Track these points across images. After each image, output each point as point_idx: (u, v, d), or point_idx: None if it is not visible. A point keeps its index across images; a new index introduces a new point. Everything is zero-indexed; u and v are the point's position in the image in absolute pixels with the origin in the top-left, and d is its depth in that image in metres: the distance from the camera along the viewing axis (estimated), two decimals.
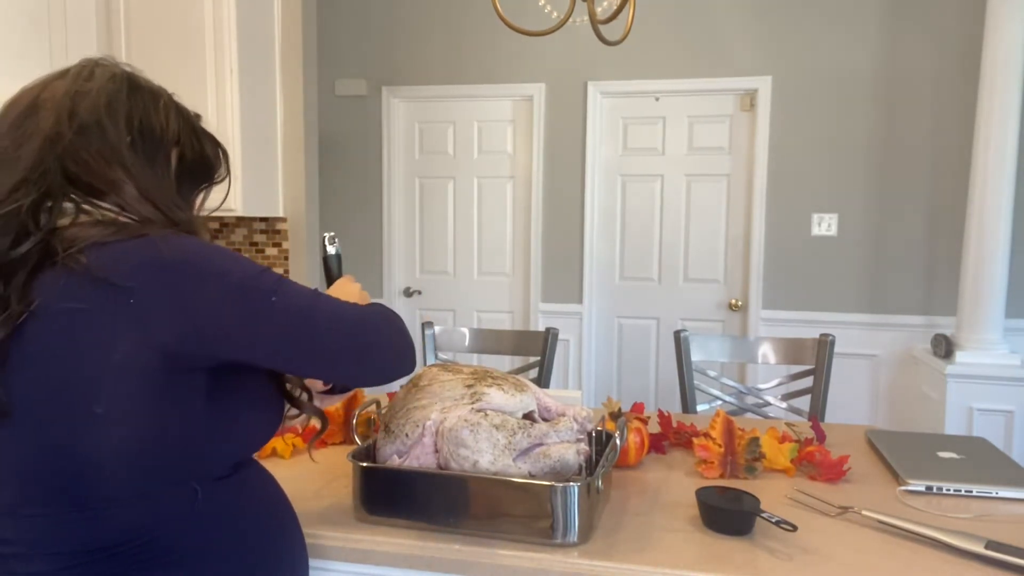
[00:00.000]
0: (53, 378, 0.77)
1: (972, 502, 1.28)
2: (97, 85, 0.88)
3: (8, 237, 0.78)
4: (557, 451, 1.11)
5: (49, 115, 0.84)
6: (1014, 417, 2.91)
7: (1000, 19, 2.84)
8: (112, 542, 0.81)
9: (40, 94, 0.88)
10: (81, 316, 0.77)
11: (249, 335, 0.82)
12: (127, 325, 0.77)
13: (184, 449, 0.83)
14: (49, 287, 0.78)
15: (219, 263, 0.82)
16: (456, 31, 3.79)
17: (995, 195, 2.89)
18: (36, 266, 0.78)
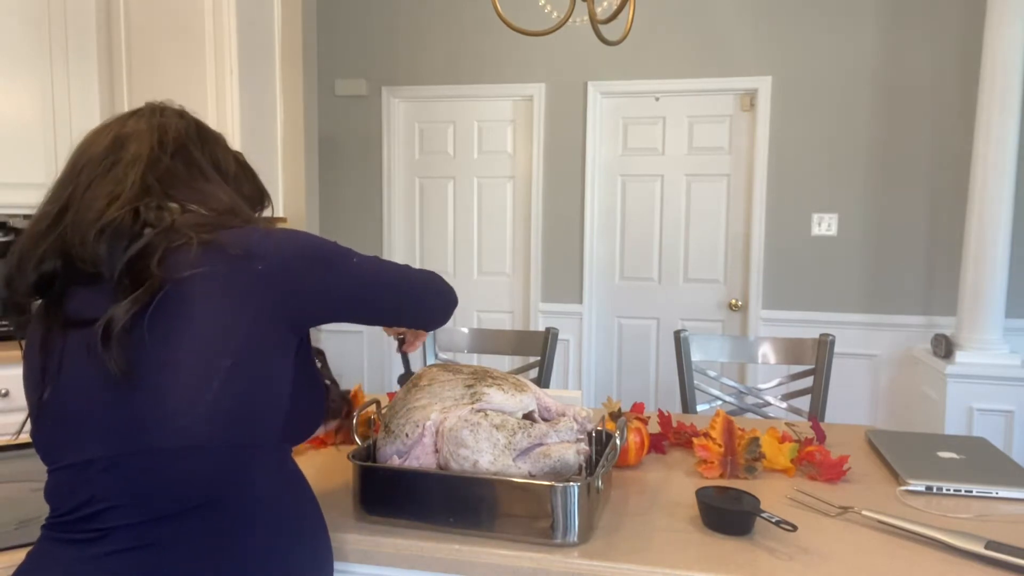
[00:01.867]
0: (189, 335, 0.86)
1: (972, 502, 1.28)
2: (172, 120, 1.03)
3: (125, 237, 0.89)
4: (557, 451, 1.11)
5: (142, 145, 0.97)
6: (1014, 417, 2.91)
7: (1000, 19, 2.84)
8: (204, 493, 0.87)
9: (120, 131, 0.99)
10: (213, 279, 0.88)
11: (344, 292, 0.98)
12: (254, 288, 0.89)
13: (280, 408, 0.93)
14: (182, 262, 0.88)
15: (314, 239, 0.98)
16: (456, 31, 3.79)
17: (995, 195, 2.89)
18: (164, 251, 0.88)
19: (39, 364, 0.93)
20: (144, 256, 0.88)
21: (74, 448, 0.89)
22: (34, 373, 0.94)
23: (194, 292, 0.87)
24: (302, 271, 0.93)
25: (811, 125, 3.48)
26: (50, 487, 0.92)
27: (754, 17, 3.49)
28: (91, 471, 0.87)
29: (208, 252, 0.89)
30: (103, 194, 0.92)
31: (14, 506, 1.21)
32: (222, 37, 2.64)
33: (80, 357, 0.89)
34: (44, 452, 0.94)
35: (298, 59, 2.93)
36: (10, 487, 1.29)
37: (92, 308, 0.88)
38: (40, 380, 0.93)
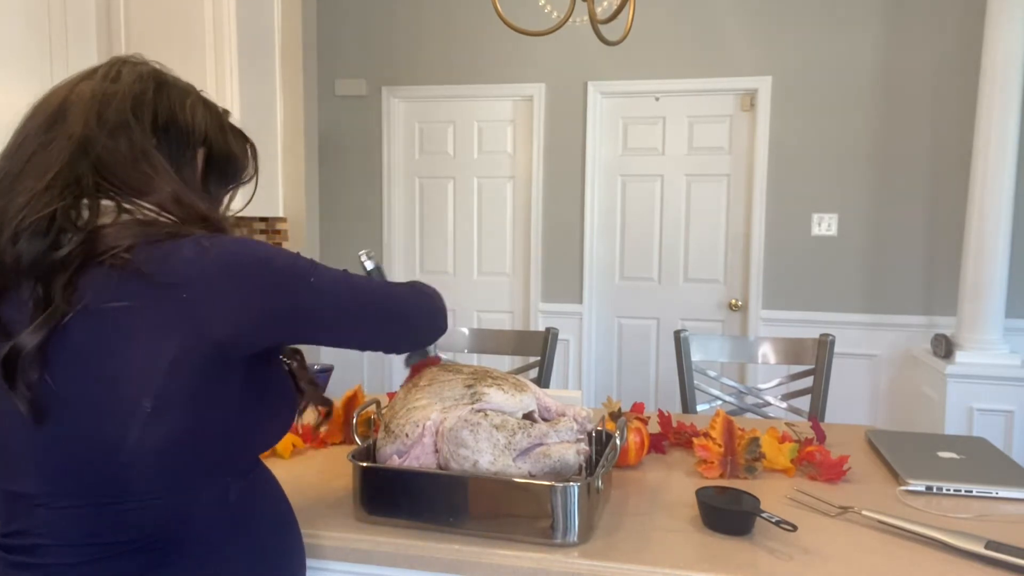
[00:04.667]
0: (102, 375, 0.78)
1: (972, 502, 1.28)
2: (124, 86, 0.89)
3: (45, 239, 0.78)
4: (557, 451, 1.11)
5: (78, 118, 0.85)
6: (1014, 417, 2.91)
7: (1000, 19, 2.84)
8: (143, 535, 0.82)
9: (68, 96, 0.88)
10: (131, 313, 0.78)
11: (293, 316, 0.86)
12: (179, 320, 0.78)
13: (222, 443, 0.85)
14: (97, 286, 0.78)
15: (260, 254, 0.85)
16: (456, 31, 3.79)
17: (995, 195, 2.89)
18: (80, 266, 0.78)
19: None
20: (54, 272, 0.78)
21: (10, 474, 0.83)
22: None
23: (106, 325, 0.78)
24: (239, 294, 0.81)
25: (811, 125, 3.48)
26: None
27: (754, 17, 3.49)
28: (22, 504, 0.82)
29: (125, 279, 0.78)
30: (28, 184, 0.81)
31: None
32: (222, 37, 2.64)
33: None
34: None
35: (298, 59, 2.93)
36: None
37: (17, 320, 0.78)
38: None
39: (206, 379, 0.81)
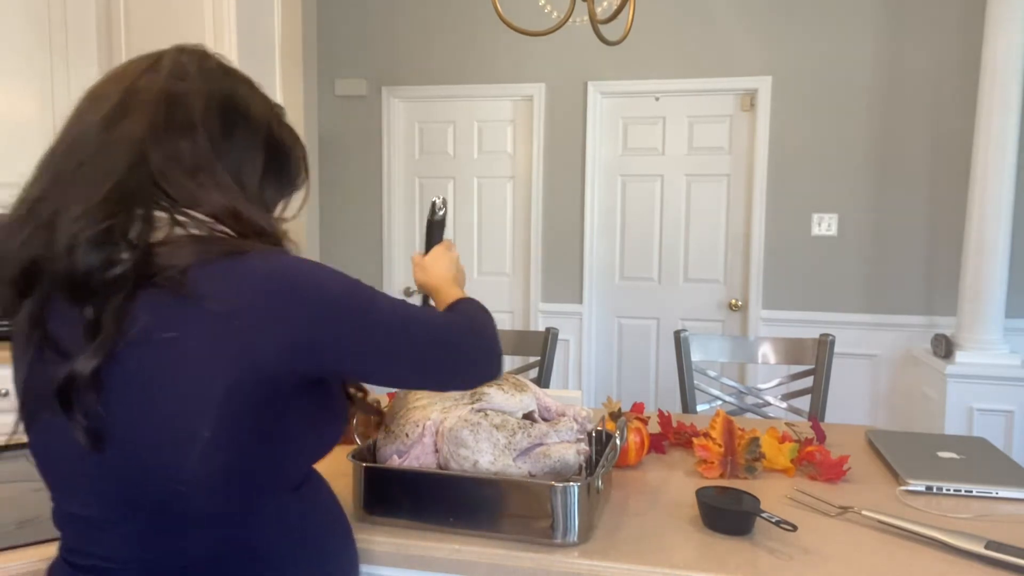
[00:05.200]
0: (157, 403, 0.75)
1: (972, 502, 1.28)
2: (192, 86, 0.83)
3: (100, 254, 0.74)
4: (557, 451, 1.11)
5: (142, 118, 0.79)
6: (1014, 417, 2.91)
7: (1000, 19, 2.84)
8: (204, 557, 0.81)
9: (131, 88, 0.81)
10: (184, 342, 0.75)
11: (347, 349, 0.82)
12: (232, 349, 0.75)
13: (278, 462, 0.84)
14: (150, 311, 0.75)
15: (317, 279, 0.81)
16: (456, 31, 3.79)
17: (995, 195, 2.89)
18: (133, 287, 0.75)
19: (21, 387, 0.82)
20: (108, 293, 0.74)
21: (68, 496, 0.82)
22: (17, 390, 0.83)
23: (160, 354, 0.75)
24: (288, 324, 0.77)
25: (811, 125, 3.48)
26: (58, 518, 0.85)
27: (754, 17, 3.49)
28: (82, 525, 0.81)
29: (179, 304, 0.75)
30: (84, 191, 0.76)
31: (14, 506, 1.20)
32: (222, 37, 2.63)
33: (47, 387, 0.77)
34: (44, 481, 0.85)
35: (298, 59, 2.93)
36: (10, 487, 1.29)
37: (68, 338, 0.76)
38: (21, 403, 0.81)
39: (261, 405, 0.78)
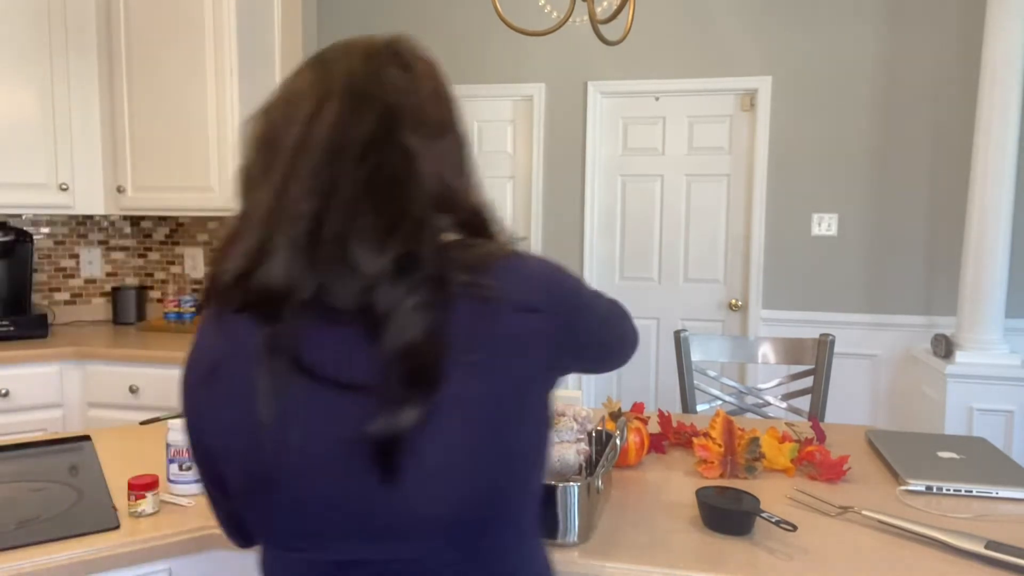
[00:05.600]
0: (486, 418, 0.68)
1: (972, 502, 1.28)
2: (426, 82, 0.76)
3: (400, 287, 0.67)
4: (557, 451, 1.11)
5: (405, 125, 0.71)
6: (1014, 417, 2.91)
7: (1000, 19, 2.84)
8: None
9: (381, 89, 0.72)
10: (507, 344, 0.69)
11: (584, 346, 0.80)
12: (539, 345, 0.71)
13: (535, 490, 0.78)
14: (460, 334, 0.68)
15: (574, 279, 0.78)
16: (456, 31, 3.79)
17: (995, 195, 2.89)
18: (436, 320, 0.67)
19: (254, 418, 0.68)
20: (413, 322, 0.66)
21: (319, 541, 0.70)
22: (246, 426, 0.69)
23: (469, 381, 0.67)
24: (570, 318, 0.74)
25: (811, 125, 3.48)
26: (278, 570, 0.76)
27: (754, 17, 3.49)
28: (348, 573, 0.72)
29: (490, 308, 0.69)
30: (370, 220, 0.67)
31: (14, 506, 1.20)
32: (222, 37, 2.64)
33: (326, 425, 0.67)
34: (266, 532, 0.72)
35: (298, 59, 2.93)
36: (10, 487, 1.29)
37: (342, 363, 0.68)
38: (255, 439, 0.68)
39: (547, 406, 0.74)
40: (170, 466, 1.25)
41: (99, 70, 2.77)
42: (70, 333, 2.83)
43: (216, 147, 2.67)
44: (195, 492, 1.25)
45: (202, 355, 0.74)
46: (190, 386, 0.74)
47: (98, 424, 2.51)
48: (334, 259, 0.67)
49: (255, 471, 0.69)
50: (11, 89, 2.61)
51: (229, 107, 2.66)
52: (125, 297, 3.04)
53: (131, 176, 2.76)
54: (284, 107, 0.73)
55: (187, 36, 2.65)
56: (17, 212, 2.90)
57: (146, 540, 1.11)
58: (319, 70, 0.74)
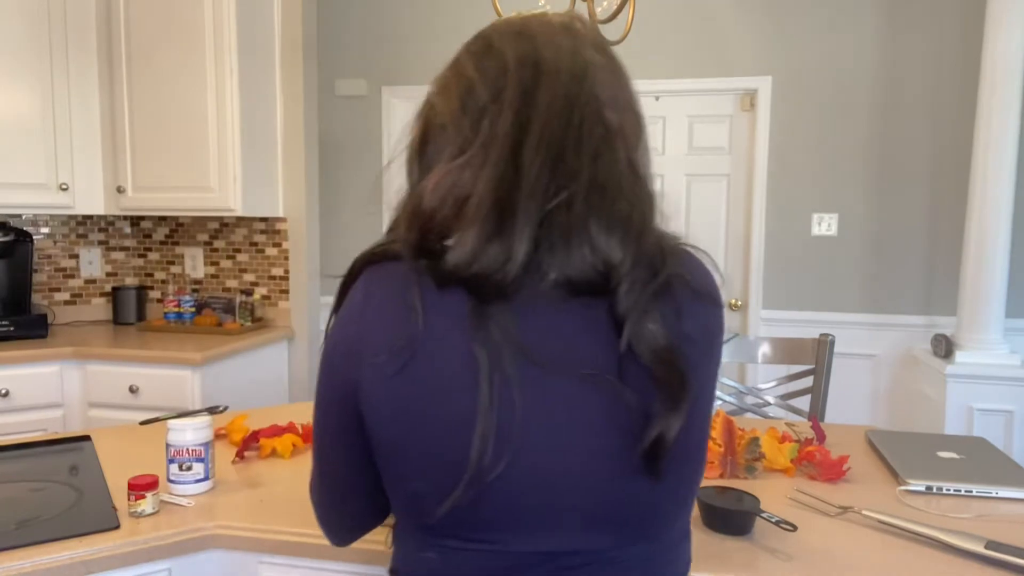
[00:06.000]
0: (702, 413, 0.70)
1: (972, 502, 1.28)
2: (608, 60, 0.73)
3: (652, 288, 0.66)
4: None
5: (612, 107, 0.69)
6: (1014, 417, 2.91)
7: (1000, 19, 2.84)
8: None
9: (587, 67, 0.70)
10: (709, 341, 0.70)
11: None
12: (720, 344, 0.73)
13: None
14: (686, 318, 0.68)
15: None
16: (456, 31, 3.78)
17: (995, 195, 2.89)
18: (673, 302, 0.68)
19: (474, 396, 0.64)
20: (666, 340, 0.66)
21: (542, 528, 0.68)
22: (460, 405, 0.65)
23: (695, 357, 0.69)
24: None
25: (811, 125, 3.48)
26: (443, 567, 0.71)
27: (754, 17, 3.49)
28: (569, 562, 0.69)
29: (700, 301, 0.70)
30: (619, 221, 0.66)
31: (14, 506, 1.20)
32: (222, 37, 2.64)
33: (554, 411, 0.65)
34: (454, 521, 0.69)
35: (298, 59, 2.93)
36: (10, 487, 1.29)
37: (566, 350, 0.66)
38: (472, 418, 0.64)
39: None
40: (170, 466, 1.25)
41: (99, 70, 2.77)
42: (70, 333, 2.83)
43: (216, 147, 2.67)
44: (195, 492, 1.25)
45: (388, 327, 0.67)
46: (375, 363, 0.67)
47: (98, 424, 2.51)
48: (570, 242, 0.65)
49: (459, 459, 0.65)
50: (11, 89, 2.61)
51: (229, 107, 2.66)
52: (125, 297, 3.04)
53: (131, 176, 2.76)
54: (485, 83, 0.71)
55: (187, 36, 2.65)
56: (17, 212, 2.90)
57: (146, 540, 1.11)
58: (520, 44, 0.72)
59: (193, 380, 2.48)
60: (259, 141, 2.83)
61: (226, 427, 1.56)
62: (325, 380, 0.73)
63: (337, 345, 0.72)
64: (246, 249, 3.06)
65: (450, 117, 0.71)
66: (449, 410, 0.65)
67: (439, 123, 0.72)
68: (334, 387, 0.72)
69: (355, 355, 0.69)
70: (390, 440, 0.69)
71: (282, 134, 2.96)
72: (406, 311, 0.67)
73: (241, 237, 3.06)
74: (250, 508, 1.22)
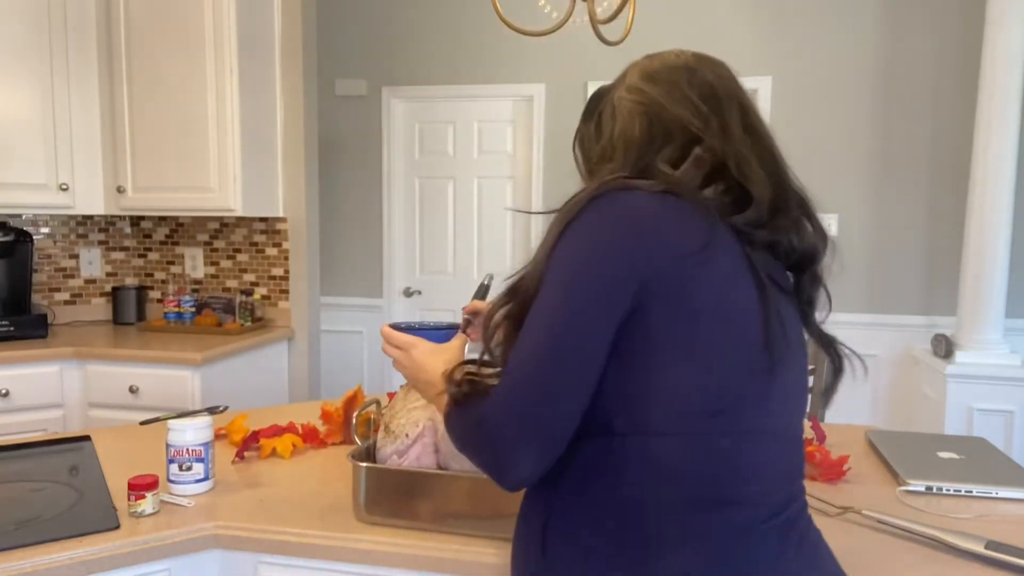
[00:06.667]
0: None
1: (972, 502, 1.28)
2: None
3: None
4: None
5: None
6: (1014, 417, 2.91)
7: (1000, 19, 2.84)
8: None
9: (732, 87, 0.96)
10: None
11: None
12: None
13: None
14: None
15: None
16: (456, 31, 3.79)
17: (995, 195, 2.89)
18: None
19: (764, 336, 0.80)
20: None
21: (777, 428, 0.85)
22: (747, 311, 0.80)
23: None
24: None
25: (811, 125, 3.48)
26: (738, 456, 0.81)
27: (754, 17, 3.49)
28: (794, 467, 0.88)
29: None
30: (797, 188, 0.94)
31: (14, 506, 1.20)
32: (222, 37, 2.63)
33: (798, 337, 0.89)
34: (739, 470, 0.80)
35: (298, 59, 2.93)
36: (10, 487, 1.29)
37: (783, 279, 0.89)
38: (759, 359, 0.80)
39: None
40: (170, 466, 1.26)
41: (99, 70, 2.77)
42: (70, 333, 2.83)
43: (216, 147, 2.67)
44: (195, 492, 1.26)
45: (685, 226, 0.80)
46: (678, 254, 0.78)
47: (98, 424, 2.51)
48: (787, 224, 0.89)
49: (757, 357, 0.79)
50: (11, 89, 2.61)
51: (229, 107, 2.66)
52: (125, 297, 3.04)
53: (131, 176, 2.76)
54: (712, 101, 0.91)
55: (187, 36, 2.65)
56: (17, 212, 2.90)
57: (146, 540, 1.11)
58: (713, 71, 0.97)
59: (193, 380, 2.48)
60: (259, 141, 2.83)
61: (226, 427, 1.56)
62: (599, 271, 0.79)
63: (625, 238, 0.79)
64: (246, 249, 3.06)
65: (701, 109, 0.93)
66: (738, 305, 0.80)
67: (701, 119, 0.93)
68: (616, 279, 0.78)
69: (650, 249, 0.79)
70: (687, 332, 0.78)
71: (282, 134, 2.96)
72: (690, 219, 0.81)
73: (241, 237, 3.06)
74: (250, 508, 1.22)
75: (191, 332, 2.83)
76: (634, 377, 0.79)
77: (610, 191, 0.82)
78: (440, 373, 0.94)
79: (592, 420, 0.80)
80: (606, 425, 0.80)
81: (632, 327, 0.78)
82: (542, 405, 0.79)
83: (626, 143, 0.89)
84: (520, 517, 0.91)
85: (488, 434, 0.82)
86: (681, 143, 0.86)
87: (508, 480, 0.84)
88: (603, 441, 0.80)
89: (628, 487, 0.79)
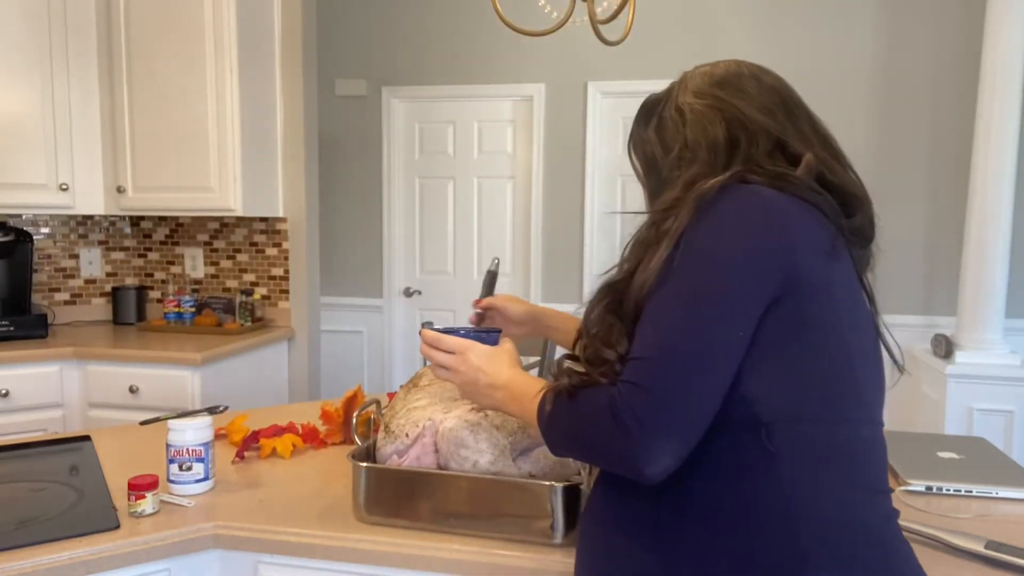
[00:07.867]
0: None
1: (972, 502, 1.28)
2: None
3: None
4: None
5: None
6: (1014, 417, 2.91)
7: (1000, 19, 2.84)
8: None
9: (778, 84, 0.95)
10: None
11: None
12: None
13: None
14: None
15: None
16: (456, 31, 3.79)
17: (995, 195, 2.89)
18: None
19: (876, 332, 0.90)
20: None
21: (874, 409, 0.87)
22: (873, 340, 0.88)
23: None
24: None
25: None
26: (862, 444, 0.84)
27: (754, 17, 3.49)
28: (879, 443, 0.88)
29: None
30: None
31: (14, 506, 1.21)
32: (222, 37, 2.63)
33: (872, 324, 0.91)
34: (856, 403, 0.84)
35: (298, 59, 2.93)
36: (10, 487, 1.29)
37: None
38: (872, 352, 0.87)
39: None
40: (170, 466, 1.26)
41: (99, 70, 2.77)
42: (70, 333, 2.83)
43: (216, 147, 2.67)
44: (195, 492, 1.26)
45: (817, 222, 0.84)
46: (818, 248, 0.82)
47: (98, 424, 2.51)
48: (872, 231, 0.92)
49: (873, 350, 0.86)
50: (11, 89, 2.61)
51: (229, 107, 2.66)
52: (125, 297, 3.04)
53: (131, 176, 2.76)
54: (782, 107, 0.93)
55: (187, 36, 2.65)
56: (17, 212, 2.90)
57: (146, 540, 1.11)
58: (776, 79, 0.97)
59: (193, 380, 2.48)
60: (259, 141, 2.83)
61: (226, 427, 1.56)
62: (746, 258, 0.80)
63: (771, 227, 0.81)
64: (246, 249, 3.06)
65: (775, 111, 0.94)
66: (857, 301, 0.86)
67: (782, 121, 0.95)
68: (763, 268, 0.80)
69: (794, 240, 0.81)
70: (831, 321, 0.82)
71: (282, 134, 2.96)
72: (811, 219, 0.84)
73: (241, 237, 3.06)
74: (250, 508, 1.22)
75: (191, 332, 2.83)
76: (780, 365, 0.79)
77: (737, 183, 0.84)
78: (502, 377, 0.97)
79: (726, 413, 0.78)
80: (747, 416, 0.78)
81: (778, 315, 0.79)
82: (690, 382, 0.77)
83: (709, 145, 0.90)
84: (600, 525, 0.88)
85: (623, 420, 0.77)
86: (766, 146, 0.88)
87: (650, 468, 0.77)
88: (745, 433, 0.79)
89: (785, 473, 0.78)
